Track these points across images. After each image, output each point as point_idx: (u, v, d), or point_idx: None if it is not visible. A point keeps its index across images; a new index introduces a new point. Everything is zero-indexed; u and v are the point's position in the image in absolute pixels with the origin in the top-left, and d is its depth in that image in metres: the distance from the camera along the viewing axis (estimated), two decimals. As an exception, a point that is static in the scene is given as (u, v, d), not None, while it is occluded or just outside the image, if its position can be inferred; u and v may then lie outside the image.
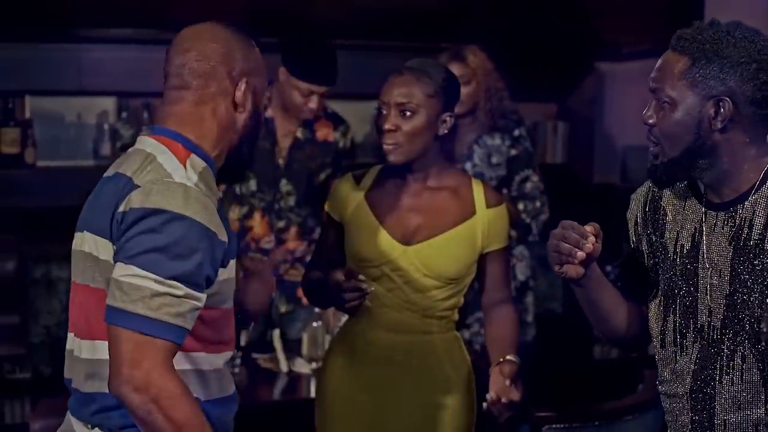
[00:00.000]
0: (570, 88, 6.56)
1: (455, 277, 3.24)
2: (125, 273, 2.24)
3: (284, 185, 4.58)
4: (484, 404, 3.10)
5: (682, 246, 2.47)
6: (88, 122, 5.62)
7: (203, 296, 2.31)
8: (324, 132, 4.66)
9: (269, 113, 4.56)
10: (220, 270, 2.38)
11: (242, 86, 2.47)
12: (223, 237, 2.35)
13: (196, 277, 2.28)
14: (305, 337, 4.30)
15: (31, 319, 5.13)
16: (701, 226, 2.45)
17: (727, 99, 2.33)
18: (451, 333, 3.35)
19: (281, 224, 4.59)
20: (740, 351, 2.37)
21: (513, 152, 4.78)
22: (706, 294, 2.41)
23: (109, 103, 5.62)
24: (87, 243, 2.40)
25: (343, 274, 3.14)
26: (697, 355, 2.43)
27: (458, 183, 3.31)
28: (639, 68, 6.28)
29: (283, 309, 4.62)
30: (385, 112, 3.19)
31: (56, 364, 2.53)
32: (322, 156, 4.64)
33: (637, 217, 2.60)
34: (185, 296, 2.26)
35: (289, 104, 4.49)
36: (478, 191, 3.29)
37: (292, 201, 4.60)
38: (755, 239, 2.36)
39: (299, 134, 4.61)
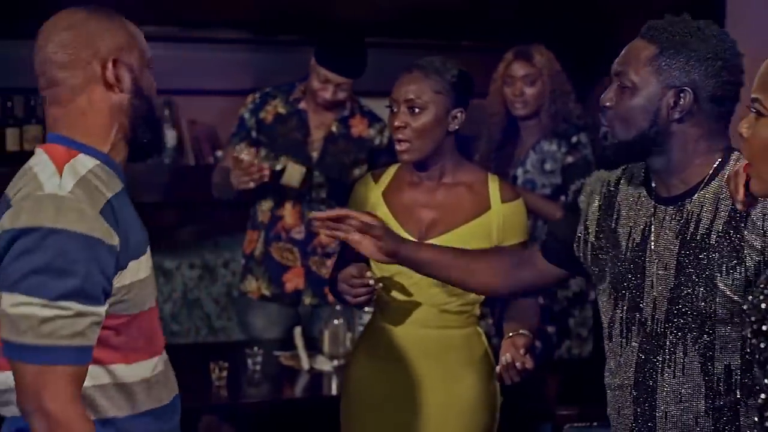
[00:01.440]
0: (589, 89, 6.54)
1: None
2: (10, 303, 2.12)
3: (316, 176, 4.59)
4: (497, 368, 3.08)
5: (633, 239, 2.49)
6: (109, 120, 5.62)
7: (102, 308, 2.18)
8: (359, 128, 4.66)
9: (302, 105, 4.59)
10: (120, 273, 2.22)
11: (110, 65, 2.28)
12: (112, 240, 2.19)
13: (89, 290, 2.15)
14: (326, 335, 4.30)
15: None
16: (651, 220, 2.47)
17: (689, 90, 2.37)
18: (472, 328, 3.35)
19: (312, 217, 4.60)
20: (682, 344, 2.40)
21: (569, 159, 4.61)
22: (652, 287, 2.44)
23: (130, 101, 5.63)
24: None
25: (354, 270, 3.14)
26: (639, 348, 2.46)
27: (474, 178, 3.31)
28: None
29: (308, 301, 4.62)
30: (395, 109, 3.21)
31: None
32: (356, 152, 4.64)
33: (591, 207, 2.62)
34: (78, 314, 2.13)
35: (310, 90, 4.52)
36: (493, 186, 3.30)
37: (323, 193, 4.60)
38: (701, 234, 2.39)
39: (334, 128, 4.62)
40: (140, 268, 2.29)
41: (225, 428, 4.63)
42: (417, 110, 3.18)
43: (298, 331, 4.32)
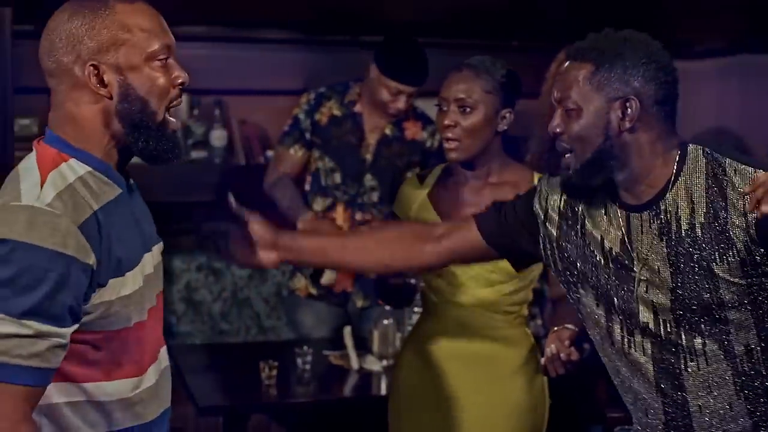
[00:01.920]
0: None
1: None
2: None
3: (369, 180, 4.60)
4: (542, 359, 3.08)
5: (611, 249, 2.49)
6: (160, 120, 5.65)
7: (66, 330, 2.06)
8: (413, 131, 4.66)
9: (358, 108, 4.59)
10: (99, 291, 2.12)
11: (88, 71, 2.14)
12: (87, 258, 2.07)
13: (52, 310, 2.03)
14: (376, 335, 4.30)
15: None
16: (626, 229, 2.48)
17: (633, 98, 2.39)
18: (520, 329, 3.34)
19: (363, 218, 4.61)
20: (699, 337, 2.40)
21: None
22: (647, 292, 2.44)
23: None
24: None
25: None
26: (651, 350, 2.45)
27: (520, 178, 3.30)
28: (712, 66, 6.22)
29: (359, 303, 4.63)
30: (444, 108, 3.20)
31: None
32: (410, 154, 4.65)
33: (549, 213, 2.63)
34: (38, 335, 2.02)
35: (378, 102, 4.50)
36: (539, 185, 3.29)
37: (375, 196, 4.61)
38: (685, 230, 2.40)
39: (388, 131, 4.62)
40: (125, 284, 2.18)
41: (274, 427, 4.64)
42: (467, 110, 3.17)
43: (347, 330, 4.32)
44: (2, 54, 3.98)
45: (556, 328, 3.13)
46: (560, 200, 2.60)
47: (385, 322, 4.27)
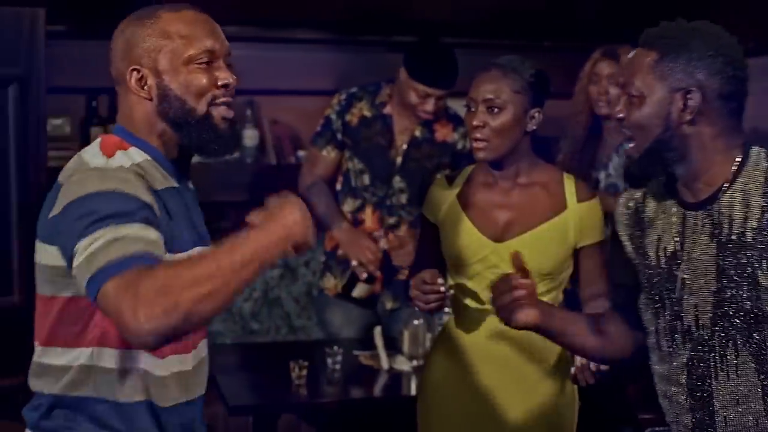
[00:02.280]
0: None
1: (549, 272, 3.22)
2: (79, 256, 2.09)
3: (398, 182, 4.60)
4: (572, 369, 3.06)
5: (665, 249, 2.48)
6: (191, 119, 5.67)
7: (150, 228, 2.12)
8: (443, 132, 4.65)
9: (388, 110, 4.59)
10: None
11: (128, 77, 2.36)
12: (157, 212, 2.21)
13: (134, 212, 2.12)
14: (406, 335, 4.30)
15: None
16: (682, 228, 2.46)
17: (696, 90, 2.37)
18: (551, 331, 3.33)
19: (392, 220, 4.61)
20: (733, 346, 2.38)
21: None
22: (692, 294, 2.42)
23: (212, 101, 5.67)
24: (36, 251, 2.33)
25: (425, 276, 3.13)
26: (688, 355, 2.44)
27: (549, 178, 3.29)
28: (753, 65, 6.18)
29: (389, 305, 4.64)
30: (473, 108, 3.20)
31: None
32: (440, 156, 4.64)
33: (623, 229, 2.61)
34: (137, 232, 2.09)
35: (407, 104, 4.50)
36: (569, 186, 3.28)
37: (404, 198, 4.61)
38: (737, 233, 2.37)
39: (417, 133, 4.62)
40: None
41: (304, 427, 4.65)
42: (496, 110, 3.17)
43: (378, 330, 4.32)
44: (35, 54, 4.00)
45: None
46: (628, 215, 2.59)
47: (416, 322, 4.26)
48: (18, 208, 3.99)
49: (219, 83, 2.36)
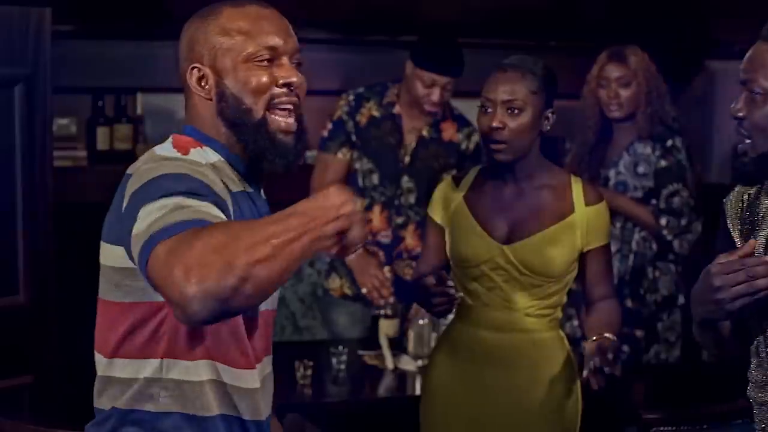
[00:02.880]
0: (680, 87, 6.48)
1: (554, 275, 3.22)
2: (137, 225, 1.98)
3: (406, 182, 4.60)
4: (585, 372, 3.05)
5: None
6: (198, 119, 5.67)
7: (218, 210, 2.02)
8: (449, 133, 4.66)
9: (396, 110, 4.59)
10: None
11: (188, 75, 2.28)
12: (225, 204, 2.11)
13: (203, 189, 2.05)
14: (411, 335, 4.30)
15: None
16: None
17: None
18: (554, 332, 3.33)
19: (400, 220, 4.62)
20: None
21: (663, 163, 4.55)
22: None
23: (218, 100, 5.68)
24: (101, 254, 2.25)
25: (433, 278, 3.10)
26: None
27: (557, 181, 3.29)
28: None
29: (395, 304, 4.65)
30: (490, 110, 3.17)
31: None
32: (446, 156, 4.64)
33: (733, 222, 2.47)
34: (202, 206, 1.98)
35: (414, 99, 4.50)
36: (577, 189, 3.27)
37: (412, 198, 4.61)
38: None
39: (425, 133, 4.62)
40: None
41: (309, 427, 4.65)
42: (516, 111, 3.14)
43: (383, 330, 4.32)
44: (42, 54, 4.00)
45: (595, 338, 3.11)
46: (741, 208, 2.44)
47: (421, 322, 4.27)
48: (23, 208, 3.99)
49: (280, 81, 2.26)
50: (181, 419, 2.20)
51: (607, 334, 3.11)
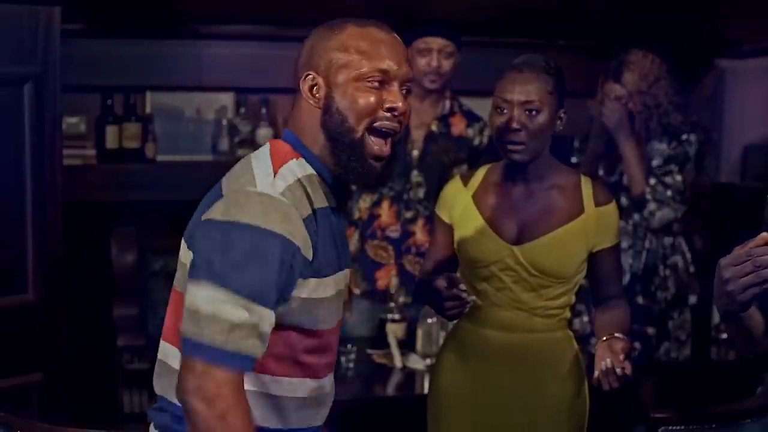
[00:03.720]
0: (689, 86, 6.47)
1: (564, 275, 3.22)
2: (203, 296, 2.16)
3: (415, 176, 4.61)
4: (596, 373, 3.04)
5: None
6: (206, 118, 5.69)
7: (272, 314, 2.20)
8: (459, 127, 4.67)
9: None
10: (300, 285, 2.27)
11: (302, 81, 2.40)
12: (307, 251, 2.25)
13: (272, 294, 2.18)
14: (420, 334, 4.30)
15: (149, 311, 5.21)
16: None
17: None
18: (563, 332, 3.32)
19: (409, 215, 4.63)
20: None
21: (672, 152, 4.61)
22: None
23: (227, 99, 5.69)
24: (181, 249, 2.39)
25: (445, 281, 3.08)
26: None
27: (567, 181, 3.27)
28: (760, 66, 6.17)
29: (401, 299, 4.65)
30: (506, 110, 3.15)
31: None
32: (456, 151, 4.65)
33: None
34: (256, 322, 2.16)
35: (415, 76, 4.48)
36: (587, 189, 3.26)
37: (421, 193, 4.62)
38: None
39: (434, 127, 4.64)
40: (321, 286, 2.32)
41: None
42: (534, 111, 3.13)
43: (391, 329, 4.33)
44: (51, 53, 4.01)
45: (605, 338, 3.11)
46: None
47: (429, 320, 4.27)
48: (33, 207, 4.00)
49: (386, 105, 2.35)
50: None
51: (617, 335, 3.10)
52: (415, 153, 4.62)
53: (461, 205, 3.31)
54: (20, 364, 3.98)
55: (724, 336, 5.06)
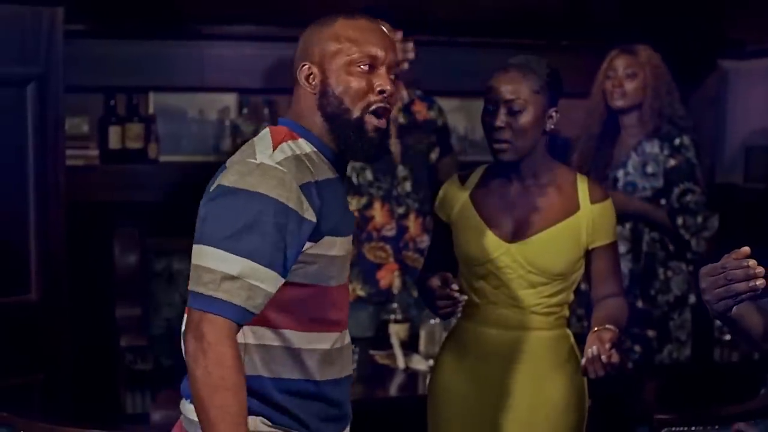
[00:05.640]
0: (693, 86, 6.47)
1: (560, 273, 3.22)
2: (200, 255, 2.37)
3: (401, 171, 4.62)
4: (582, 361, 3.05)
5: None
6: (209, 118, 5.69)
7: (275, 274, 2.38)
8: (422, 113, 4.76)
9: None
10: (314, 245, 2.44)
11: (299, 71, 2.56)
12: (305, 213, 2.41)
13: (271, 256, 2.37)
14: (422, 334, 4.30)
15: (152, 311, 5.21)
16: None
17: None
18: (561, 330, 3.32)
19: (401, 210, 4.64)
20: None
21: (671, 162, 4.54)
22: None
23: (230, 100, 5.69)
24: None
25: (438, 280, 3.09)
26: None
27: (562, 179, 3.28)
28: (764, 66, 6.17)
29: (405, 298, 4.65)
30: (492, 109, 3.18)
31: (177, 356, 2.56)
32: (428, 135, 4.71)
33: None
34: (257, 279, 2.35)
35: None
36: (582, 187, 3.26)
37: (408, 186, 4.64)
38: None
39: (401, 119, 4.66)
40: (335, 245, 2.49)
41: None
42: (517, 110, 3.15)
43: (394, 329, 4.33)
44: (54, 53, 4.01)
45: (596, 329, 3.11)
46: None
47: (432, 321, 4.27)
48: (36, 207, 4.00)
49: (376, 89, 2.52)
50: (270, 382, 2.50)
51: (608, 326, 3.10)
52: (394, 148, 4.62)
53: (459, 204, 3.32)
54: (23, 364, 3.98)
55: (727, 337, 5.06)
